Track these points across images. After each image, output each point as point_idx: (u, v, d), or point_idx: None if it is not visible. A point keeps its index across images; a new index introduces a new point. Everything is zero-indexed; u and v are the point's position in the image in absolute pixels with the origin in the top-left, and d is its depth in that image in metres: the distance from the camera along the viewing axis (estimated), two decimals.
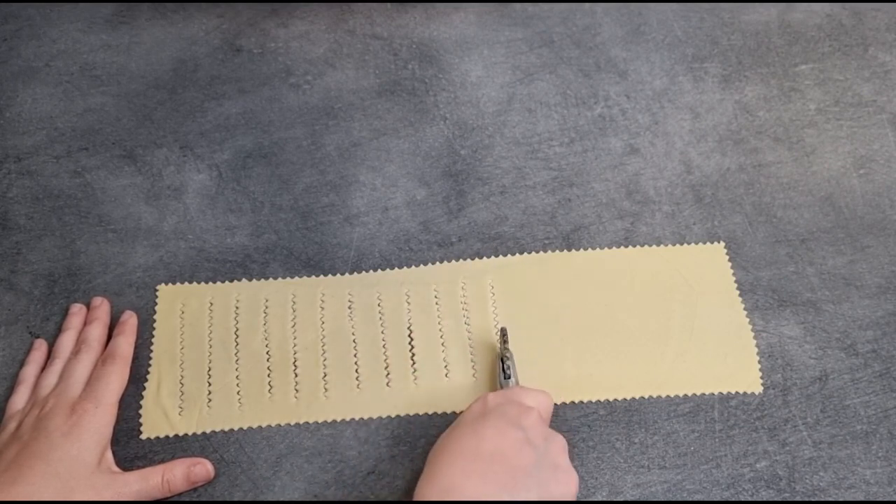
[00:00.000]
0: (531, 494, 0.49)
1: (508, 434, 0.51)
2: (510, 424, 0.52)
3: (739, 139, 0.75)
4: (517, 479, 0.50)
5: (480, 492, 0.48)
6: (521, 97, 0.79)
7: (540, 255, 0.69)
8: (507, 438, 0.51)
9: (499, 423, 0.52)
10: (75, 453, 0.55)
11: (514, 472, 0.50)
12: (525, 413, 0.54)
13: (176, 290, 0.68)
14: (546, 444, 0.53)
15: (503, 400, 0.55)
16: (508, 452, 0.50)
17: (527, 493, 0.49)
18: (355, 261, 0.69)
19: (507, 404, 0.54)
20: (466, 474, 0.49)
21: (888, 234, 0.69)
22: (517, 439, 0.51)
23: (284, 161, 0.75)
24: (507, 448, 0.51)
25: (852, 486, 0.57)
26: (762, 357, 0.63)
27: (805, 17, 0.84)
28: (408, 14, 0.86)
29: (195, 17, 0.86)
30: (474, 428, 0.52)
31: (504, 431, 0.52)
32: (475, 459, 0.50)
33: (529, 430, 0.52)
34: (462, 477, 0.49)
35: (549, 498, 0.50)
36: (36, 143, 0.77)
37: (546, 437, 0.53)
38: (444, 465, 0.51)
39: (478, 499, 0.48)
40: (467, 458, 0.50)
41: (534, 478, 0.50)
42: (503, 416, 0.53)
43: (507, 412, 0.53)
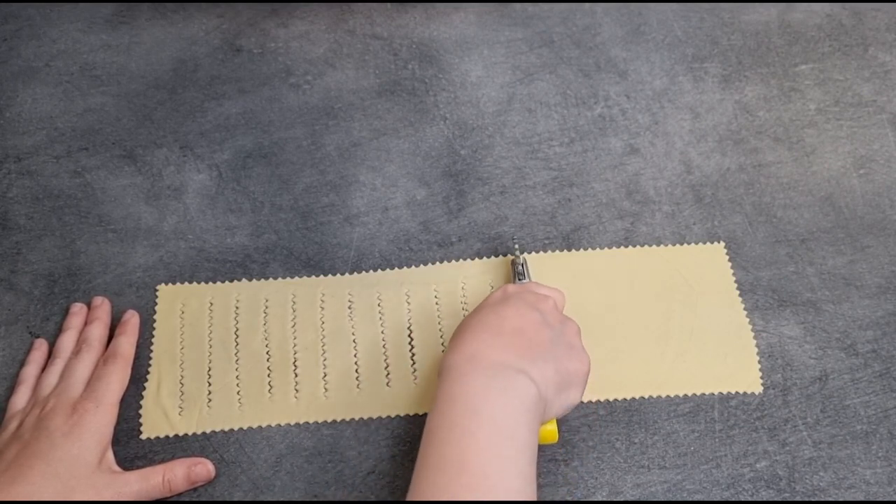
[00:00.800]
0: (548, 366, 0.53)
1: (527, 315, 0.56)
2: (529, 307, 0.56)
3: (739, 139, 0.75)
4: (535, 352, 0.53)
5: (504, 358, 0.52)
6: (521, 97, 0.79)
7: (540, 255, 0.69)
8: (526, 318, 0.55)
9: (518, 306, 0.56)
10: (76, 453, 0.55)
11: (533, 345, 0.54)
12: (542, 299, 0.58)
13: (176, 290, 0.68)
14: (561, 326, 0.57)
15: (521, 289, 0.59)
16: (528, 330, 0.55)
17: (544, 364, 0.53)
18: (355, 261, 0.69)
19: (525, 293, 0.59)
20: (489, 344, 0.53)
21: (888, 234, 0.69)
22: (535, 320, 0.55)
23: (284, 161, 0.75)
24: (526, 326, 0.55)
25: (852, 486, 0.57)
26: (762, 357, 0.63)
27: (805, 17, 0.84)
28: (408, 14, 0.86)
29: (195, 17, 0.86)
30: (495, 309, 0.56)
31: (523, 313, 0.56)
32: (497, 333, 0.54)
33: (546, 314, 0.57)
34: (485, 346, 0.53)
35: (565, 371, 0.54)
36: (36, 143, 0.77)
37: (561, 320, 0.58)
38: (468, 337, 0.54)
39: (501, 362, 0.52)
40: (490, 332, 0.54)
41: (551, 353, 0.54)
42: (522, 300, 0.57)
43: (526, 298, 0.58)
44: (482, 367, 0.52)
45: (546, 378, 0.52)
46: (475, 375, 0.51)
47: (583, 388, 0.56)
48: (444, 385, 0.52)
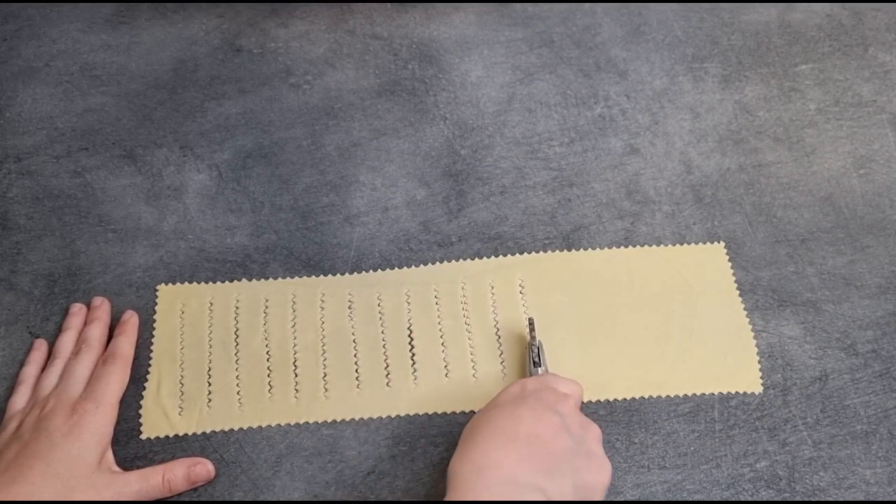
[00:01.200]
0: (566, 480, 0.49)
1: (546, 419, 0.51)
2: (548, 409, 0.52)
3: (739, 139, 0.75)
4: (553, 464, 0.49)
5: (518, 471, 0.48)
6: (521, 97, 0.79)
7: (540, 255, 0.69)
8: (545, 423, 0.51)
9: (536, 407, 0.52)
10: (76, 453, 0.55)
11: (551, 456, 0.50)
12: (562, 400, 0.54)
13: (176, 290, 0.68)
14: (582, 431, 0.53)
15: (540, 385, 0.55)
16: (545, 436, 0.50)
17: (561, 479, 0.49)
18: (355, 261, 0.69)
19: (544, 390, 0.54)
20: (503, 453, 0.49)
21: (888, 234, 0.69)
22: (554, 424, 0.51)
23: (284, 161, 0.75)
24: (544, 432, 0.51)
25: (852, 486, 0.57)
26: (762, 357, 0.63)
27: (805, 17, 0.84)
28: (408, 14, 0.86)
29: (195, 17, 0.86)
30: (511, 410, 0.52)
31: (541, 416, 0.51)
32: (512, 440, 0.50)
33: (566, 417, 0.52)
34: (500, 455, 0.49)
35: (583, 485, 0.50)
36: (36, 143, 0.77)
37: (582, 424, 0.53)
38: (480, 443, 0.50)
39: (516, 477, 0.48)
40: (504, 437, 0.50)
41: (569, 464, 0.50)
42: (541, 400, 0.53)
43: (545, 397, 0.53)
44: (495, 483, 0.48)
45: (563, 494, 0.49)
46: (486, 492, 0.47)
47: (601, 497, 0.52)
48: (452, 495, 0.48)
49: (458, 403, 0.61)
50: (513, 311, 0.66)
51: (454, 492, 0.48)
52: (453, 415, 0.61)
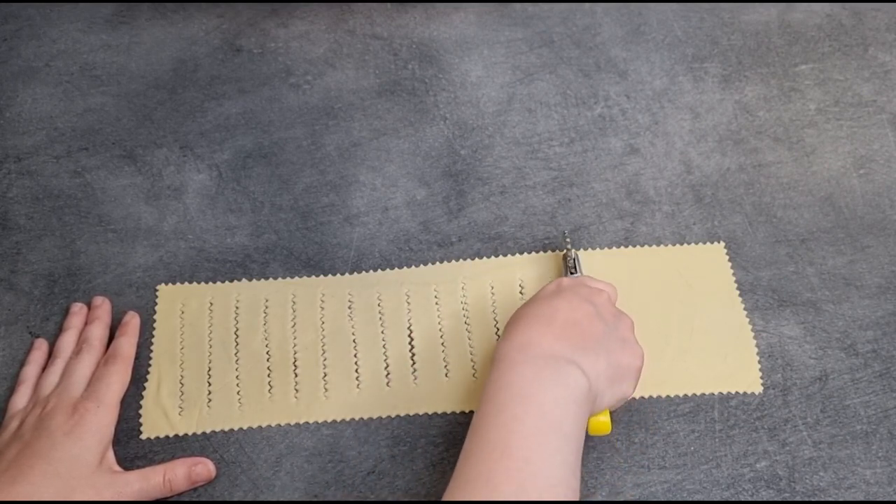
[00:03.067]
0: (600, 359, 0.53)
1: (581, 307, 0.55)
2: (582, 300, 0.56)
3: (739, 139, 0.75)
4: (588, 344, 0.53)
5: (556, 348, 0.52)
6: (521, 97, 0.79)
7: (540, 255, 0.69)
8: (580, 311, 0.55)
9: (572, 298, 0.56)
10: (76, 453, 0.55)
11: (586, 337, 0.54)
12: (596, 293, 0.58)
13: (176, 290, 0.68)
14: (615, 320, 0.57)
15: (575, 283, 0.59)
16: (581, 322, 0.54)
17: (596, 357, 0.53)
18: (355, 261, 0.69)
19: (579, 286, 0.59)
20: (542, 333, 0.53)
21: (888, 234, 0.69)
22: (589, 312, 0.55)
23: (284, 161, 0.75)
24: (580, 318, 0.55)
25: (852, 486, 0.57)
26: (762, 357, 0.63)
27: (805, 17, 0.84)
28: (408, 14, 0.86)
29: (195, 17, 0.86)
30: (549, 301, 0.56)
31: (577, 305, 0.56)
32: (550, 323, 0.54)
33: (600, 307, 0.57)
34: (538, 335, 0.53)
35: (617, 365, 0.54)
36: (36, 143, 0.77)
37: (615, 314, 0.58)
38: (521, 326, 0.54)
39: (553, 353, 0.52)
40: (543, 322, 0.54)
41: (604, 346, 0.54)
42: (576, 293, 0.57)
43: (580, 291, 0.57)
44: (533, 357, 0.52)
45: (598, 370, 0.52)
46: (526, 365, 0.51)
47: (635, 381, 0.56)
48: (495, 373, 0.52)
49: (458, 403, 0.61)
50: (512, 312, 0.65)
51: (499, 366, 0.52)
52: (453, 415, 0.61)
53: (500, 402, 0.50)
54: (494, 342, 0.64)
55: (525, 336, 0.53)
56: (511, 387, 0.51)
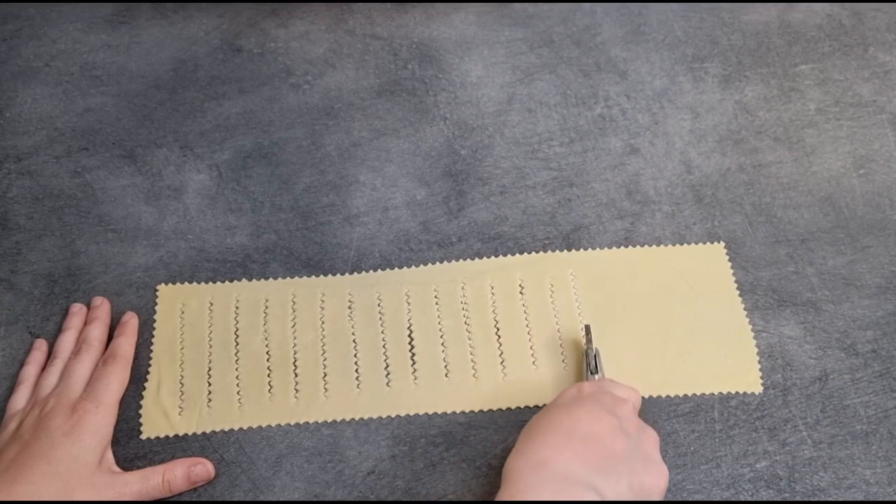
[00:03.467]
0: (622, 481, 0.49)
1: (603, 420, 0.51)
2: (605, 411, 0.52)
3: (739, 139, 0.75)
4: (610, 464, 0.49)
5: (573, 469, 0.48)
6: (521, 97, 0.79)
7: (540, 255, 0.69)
8: (602, 424, 0.51)
9: (594, 408, 0.52)
10: (76, 453, 0.55)
11: (608, 456, 0.50)
12: (620, 403, 0.54)
13: (176, 290, 0.68)
14: (639, 434, 0.53)
15: (597, 389, 0.55)
16: (603, 437, 0.50)
17: (618, 479, 0.49)
18: (355, 261, 0.69)
19: (602, 393, 0.54)
20: (560, 450, 0.49)
21: (888, 234, 0.69)
22: (612, 426, 0.51)
23: (284, 161, 0.75)
24: (602, 432, 0.50)
25: (852, 486, 0.57)
26: (762, 357, 0.63)
27: (805, 17, 0.84)
28: (408, 14, 0.86)
29: (195, 17, 0.86)
30: (569, 410, 0.52)
31: (599, 417, 0.51)
32: (569, 437, 0.50)
33: (624, 420, 0.52)
34: (555, 452, 0.49)
35: (640, 487, 0.50)
36: (36, 143, 0.77)
37: (639, 427, 0.53)
38: (538, 440, 0.50)
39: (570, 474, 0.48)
40: (560, 435, 0.50)
41: (626, 465, 0.50)
42: (598, 402, 0.53)
43: (602, 400, 0.53)
44: (549, 479, 0.48)
45: (618, 494, 0.48)
46: (541, 488, 0.47)
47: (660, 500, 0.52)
48: (507, 492, 0.48)
49: (458, 403, 0.61)
50: (513, 311, 0.66)
51: (508, 487, 0.48)
52: (453, 415, 0.61)
53: None
54: (495, 342, 0.64)
55: (541, 453, 0.49)
56: None
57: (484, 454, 0.59)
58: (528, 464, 0.49)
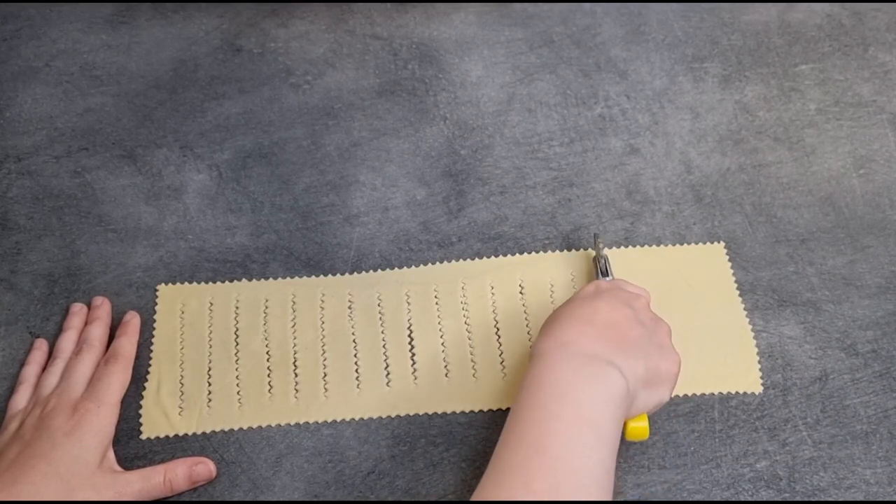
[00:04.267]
0: (639, 363, 0.53)
1: (620, 310, 0.55)
2: (622, 303, 0.56)
3: (739, 139, 0.75)
4: (627, 347, 0.53)
5: (595, 348, 0.52)
6: (521, 97, 0.79)
7: (540, 255, 0.69)
8: (619, 313, 0.55)
9: (612, 301, 0.56)
10: (77, 453, 0.55)
11: (625, 341, 0.53)
12: (635, 297, 0.58)
13: (176, 290, 0.68)
14: (653, 325, 0.57)
15: (613, 286, 0.59)
16: (621, 324, 0.54)
17: (635, 361, 0.53)
18: (355, 261, 0.69)
19: (618, 289, 0.58)
20: (581, 334, 0.53)
21: (888, 234, 0.69)
22: (628, 316, 0.55)
23: (284, 161, 0.75)
24: (619, 320, 0.54)
25: (852, 486, 0.57)
26: (762, 357, 0.63)
27: (805, 17, 0.84)
28: (408, 14, 0.86)
29: (195, 17, 0.86)
30: (588, 302, 0.56)
31: (616, 307, 0.55)
32: (590, 324, 0.54)
33: (639, 312, 0.56)
34: (578, 334, 0.53)
35: (655, 370, 0.54)
36: (36, 143, 0.77)
37: (653, 319, 0.57)
38: (562, 325, 0.54)
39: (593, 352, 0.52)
40: (582, 322, 0.54)
41: (642, 350, 0.54)
42: (615, 296, 0.57)
43: (619, 294, 0.57)
44: (572, 355, 0.52)
45: (636, 373, 0.52)
46: (565, 363, 0.51)
47: (672, 387, 0.55)
48: (533, 369, 0.52)
49: (458, 403, 0.61)
50: (513, 311, 0.66)
51: (537, 363, 0.52)
52: (453, 415, 0.61)
53: (537, 399, 0.50)
54: (495, 342, 0.64)
55: (565, 335, 0.53)
56: (549, 384, 0.51)
57: (484, 454, 0.59)
58: (554, 344, 0.53)
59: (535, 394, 0.50)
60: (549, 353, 0.52)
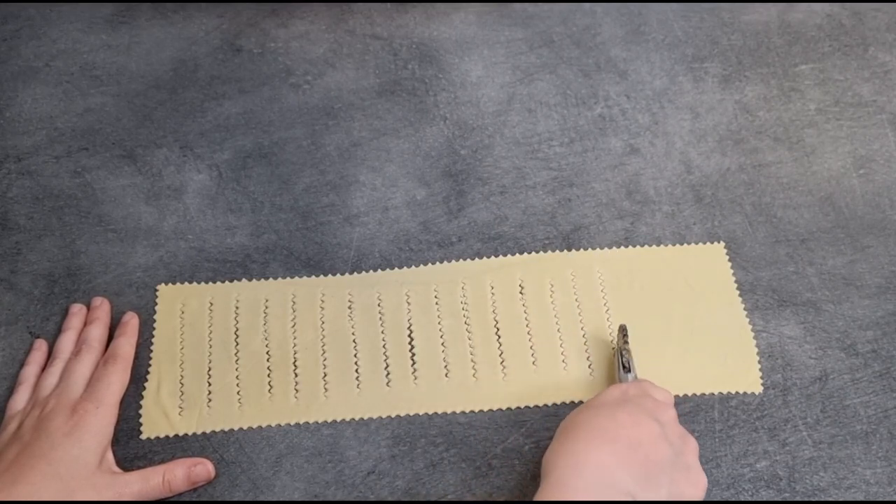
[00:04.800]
0: (661, 491, 0.49)
1: (646, 425, 0.51)
2: (648, 416, 0.51)
3: (739, 139, 0.75)
4: (651, 472, 0.49)
5: (614, 475, 0.48)
6: (521, 97, 0.79)
7: (540, 255, 0.69)
8: (645, 430, 0.50)
9: (637, 413, 0.51)
10: (76, 453, 0.55)
11: (649, 464, 0.49)
12: (662, 408, 0.53)
13: (176, 290, 0.68)
14: (681, 443, 0.52)
15: (640, 391, 0.54)
16: (645, 443, 0.50)
17: (657, 489, 0.49)
18: (355, 261, 0.69)
19: (644, 396, 0.54)
20: (603, 454, 0.49)
21: (888, 234, 0.69)
22: (654, 433, 0.51)
23: (284, 161, 0.75)
24: (644, 439, 0.50)
25: (852, 486, 0.57)
26: (762, 357, 0.63)
27: (805, 17, 0.84)
28: (408, 14, 0.86)
29: (195, 17, 0.86)
30: (611, 412, 0.51)
31: (642, 422, 0.51)
32: (613, 441, 0.49)
33: (666, 426, 0.52)
34: (597, 455, 0.49)
35: (679, 496, 0.50)
36: (36, 143, 0.77)
37: (681, 436, 0.53)
38: (580, 440, 0.50)
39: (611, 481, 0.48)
40: (604, 438, 0.50)
41: (667, 474, 0.49)
42: (641, 406, 0.52)
43: (645, 404, 0.53)
44: (591, 483, 0.47)
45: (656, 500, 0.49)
46: (579, 491, 0.47)
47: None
48: (546, 491, 0.48)
49: (458, 403, 0.61)
50: (513, 311, 0.66)
51: (550, 487, 0.48)
52: (453, 415, 0.61)
53: None
54: (495, 342, 0.64)
55: (583, 455, 0.49)
56: None
57: (484, 454, 0.59)
58: (570, 464, 0.48)
59: None
60: (564, 477, 0.48)
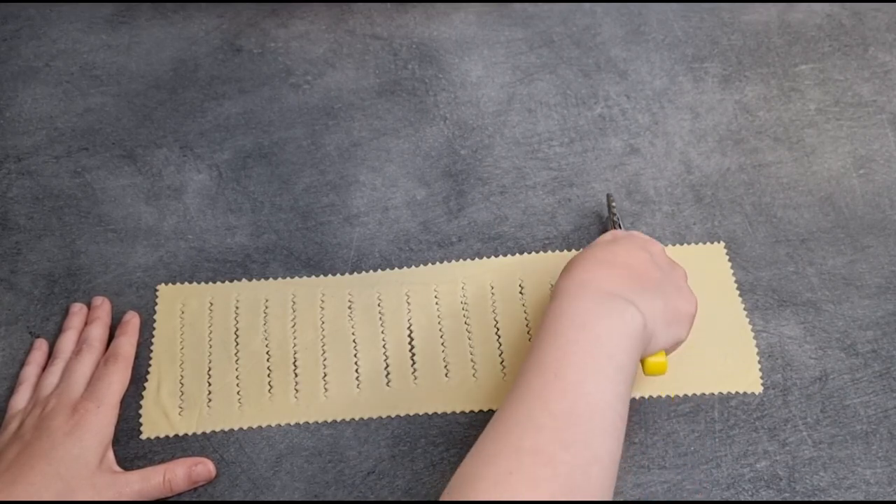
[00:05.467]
0: (657, 301, 0.54)
1: (637, 254, 0.57)
2: (639, 247, 0.58)
3: (739, 139, 0.75)
4: (646, 286, 0.55)
5: (613, 286, 0.54)
6: (521, 97, 0.79)
7: (540, 255, 0.69)
8: (637, 257, 0.57)
9: (628, 245, 0.58)
10: (77, 453, 0.55)
11: (644, 280, 0.55)
12: (651, 243, 0.60)
13: (176, 290, 0.68)
14: (670, 268, 0.59)
15: (629, 233, 0.61)
16: (638, 267, 0.56)
17: (653, 299, 0.54)
18: (355, 261, 0.69)
19: (634, 236, 0.60)
20: (601, 273, 0.55)
21: (888, 234, 0.69)
22: (645, 259, 0.57)
23: (284, 161, 0.75)
24: (636, 263, 0.56)
25: (852, 486, 0.57)
26: (762, 357, 0.63)
27: (805, 17, 0.84)
28: (408, 14, 0.86)
29: (195, 17, 0.86)
30: (606, 246, 0.58)
31: (633, 252, 0.57)
32: (609, 266, 0.56)
33: (655, 256, 0.58)
34: (598, 274, 0.55)
35: (674, 309, 0.55)
36: (36, 143, 0.77)
37: (670, 263, 0.59)
38: (582, 265, 0.56)
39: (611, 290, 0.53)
40: (601, 265, 0.56)
41: (660, 289, 0.55)
42: (632, 241, 0.59)
43: (636, 240, 0.60)
44: (592, 292, 0.53)
45: (654, 311, 0.54)
46: (585, 299, 0.53)
47: (689, 327, 0.57)
48: (554, 304, 0.54)
49: (458, 403, 0.61)
50: (513, 311, 0.66)
51: (558, 298, 0.54)
52: (453, 415, 0.61)
53: (557, 329, 0.52)
54: (494, 342, 0.64)
55: (586, 274, 0.55)
56: (569, 317, 0.52)
57: None
58: (574, 282, 0.54)
59: (556, 325, 0.52)
60: (570, 290, 0.54)
